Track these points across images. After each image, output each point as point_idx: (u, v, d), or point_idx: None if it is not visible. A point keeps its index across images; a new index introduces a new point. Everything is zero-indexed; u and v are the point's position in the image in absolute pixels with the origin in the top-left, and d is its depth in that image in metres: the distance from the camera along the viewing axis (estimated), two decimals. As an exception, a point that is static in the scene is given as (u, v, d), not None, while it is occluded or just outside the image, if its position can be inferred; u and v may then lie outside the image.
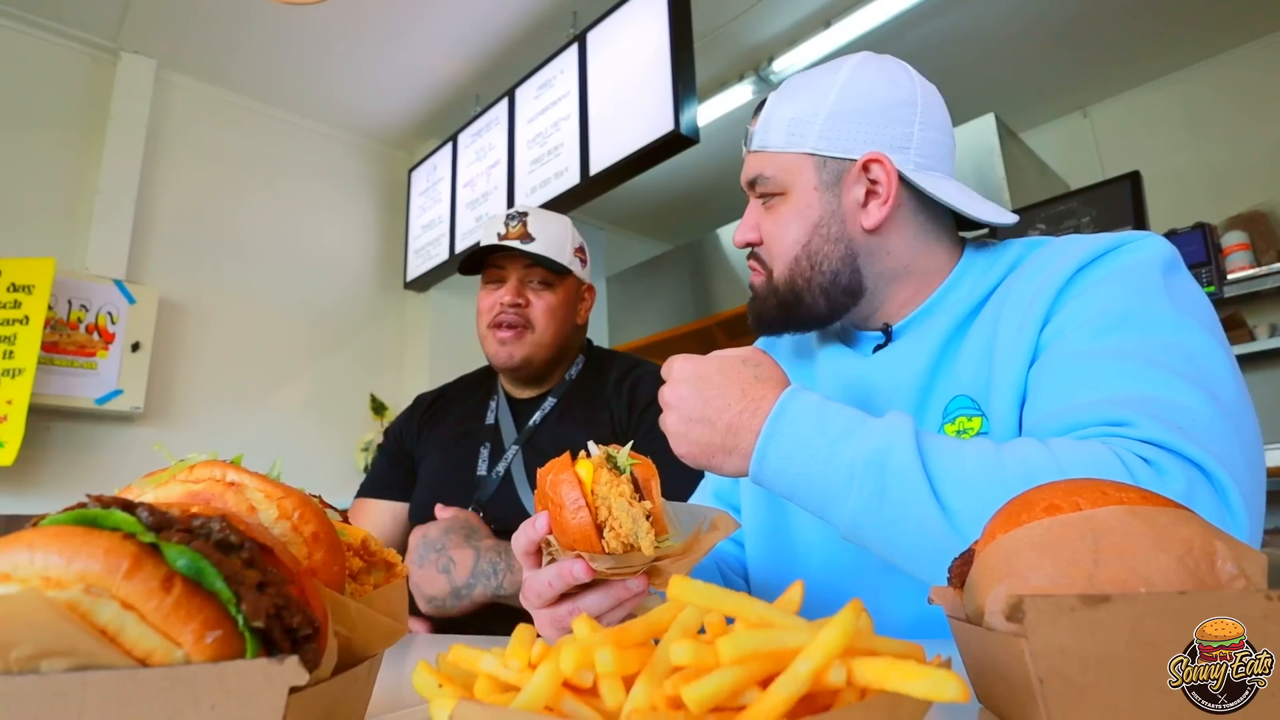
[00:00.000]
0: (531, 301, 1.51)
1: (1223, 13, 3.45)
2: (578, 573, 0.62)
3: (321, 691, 0.33)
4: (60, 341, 2.94)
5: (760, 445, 0.71)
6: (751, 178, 0.95)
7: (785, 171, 0.92)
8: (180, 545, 0.30)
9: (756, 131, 0.95)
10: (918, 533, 0.65)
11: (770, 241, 0.94)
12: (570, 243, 1.55)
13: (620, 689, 0.28)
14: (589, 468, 0.62)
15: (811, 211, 0.91)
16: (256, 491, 0.41)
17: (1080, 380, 0.72)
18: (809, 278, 0.92)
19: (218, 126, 3.65)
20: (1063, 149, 4.15)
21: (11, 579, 0.28)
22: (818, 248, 0.91)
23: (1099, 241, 0.82)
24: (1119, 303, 0.75)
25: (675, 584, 0.32)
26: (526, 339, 1.49)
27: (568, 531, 0.60)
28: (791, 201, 0.92)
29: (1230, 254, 3.01)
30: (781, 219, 0.93)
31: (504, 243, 1.48)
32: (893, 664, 0.27)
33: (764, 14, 3.34)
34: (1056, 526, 0.38)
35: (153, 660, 0.28)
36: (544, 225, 1.52)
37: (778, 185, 0.92)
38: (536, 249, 1.48)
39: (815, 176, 0.91)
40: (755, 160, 0.94)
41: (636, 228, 5.46)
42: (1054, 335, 0.78)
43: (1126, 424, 0.66)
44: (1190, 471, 0.62)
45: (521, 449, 1.50)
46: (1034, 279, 0.83)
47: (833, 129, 0.90)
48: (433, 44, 3.40)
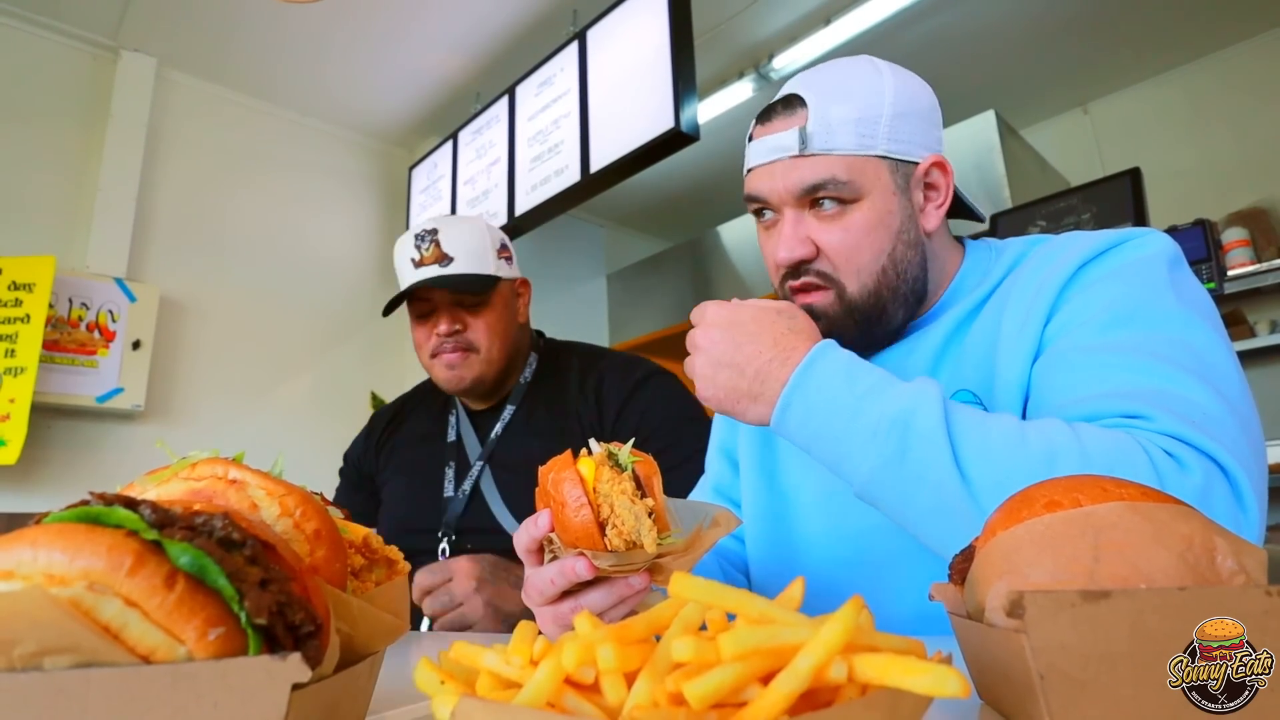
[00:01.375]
0: (468, 324, 1.43)
1: (1222, 9, 3.44)
2: (580, 570, 0.62)
3: (324, 688, 0.34)
4: (61, 340, 2.94)
5: (786, 394, 0.72)
6: (816, 182, 0.84)
7: (861, 175, 0.84)
8: (183, 543, 0.30)
9: (815, 133, 0.84)
10: (933, 496, 0.65)
11: (845, 253, 0.86)
12: (490, 246, 1.46)
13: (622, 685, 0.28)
14: (591, 465, 0.62)
15: (893, 218, 0.86)
16: (258, 489, 0.41)
17: (1090, 373, 0.72)
18: (895, 288, 0.87)
19: (218, 124, 3.65)
20: (1063, 145, 4.15)
21: (15, 576, 0.28)
22: (901, 255, 0.87)
23: (1102, 238, 0.82)
24: (1125, 298, 0.76)
25: (677, 581, 0.32)
26: (473, 360, 1.43)
27: (570, 529, 0.60)
28: (869, 207, 0.85)
29: (1230, 250, 3.00)
30: (856, 226, 0.85)
31: (422, 273, 1.40)
32: (894, 660, 0.27)
33: (764, 11, 3.33)
34: (1057, 523, 0.38)
35: (155, 657, 0.28)
36: (458, 237, 1.42)
37: (853, 190, 0.84)
38: (457, 269, 1.40)
39: (891, 180, 0.86)
40: (821, 163, 0.84)
41: (637, 225, 5.46)
42: (1059, 330, 0.78)
43: (1143, 417, 0.66)
44: (1207, 466, 0.63)
45: (487, 464, 1.45)
46: (1037, 274, 0.84)
47: (898, 131, 0.86)
48: (433, 42, 3.40)
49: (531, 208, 3.19)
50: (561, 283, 4.78)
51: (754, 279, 4.20)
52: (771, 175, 0.88)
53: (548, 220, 3.24)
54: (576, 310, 4.86)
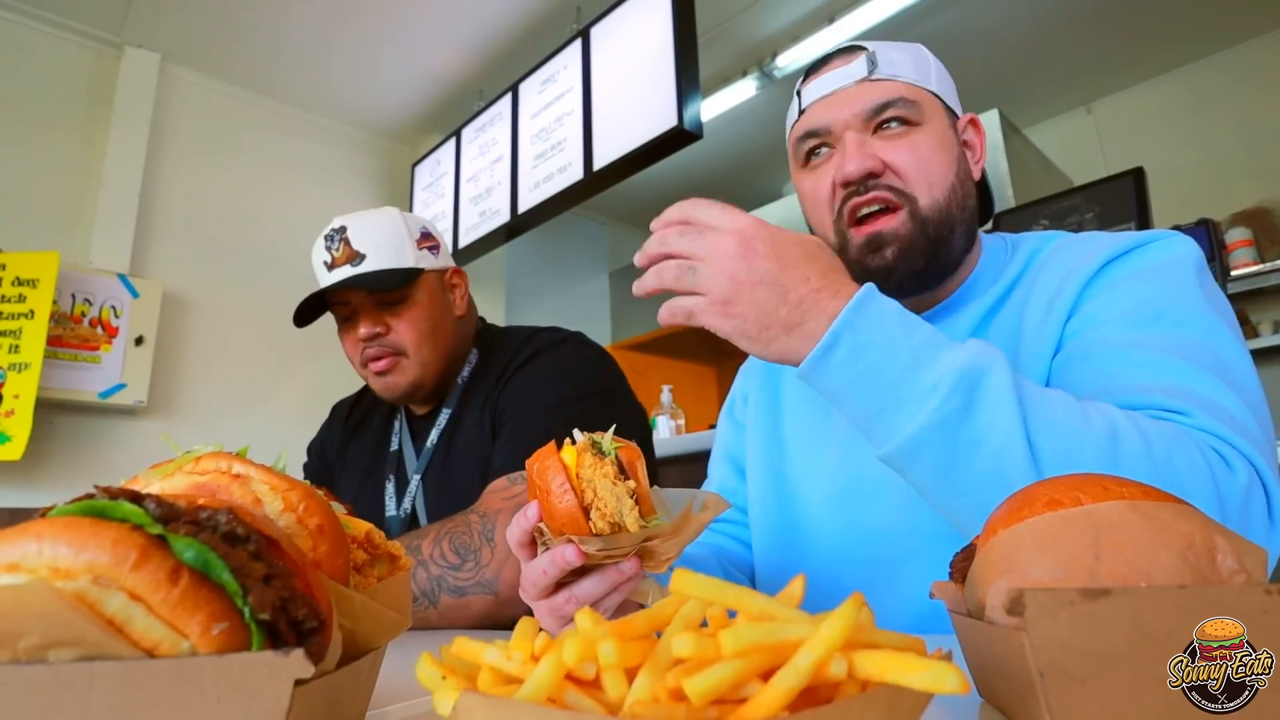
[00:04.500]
0: (390, 325, 1.29)
1: (1225, 8, 3.43)
2: (569, 556, 0.62)
3: (326, 684, 0.34)
4: (64, 335, 2.95)
5: (836, 329, 0.63)
6: (886, 100, 0.85)
7: (925, 101, 0.87)
8: (188, 537, 0.30)
9: (882, 61, 0.87)
10: (990, 463, 0.60)
11: (919, 166, 0.84)
12: (408, 237, 1.32)
13: (623, 681, 0.28)
14: (573, 453, 0.63)
15: (952, 145, 0.88)
16: (262, 484, 0.42)
17: (1123, 367, 0.71)
18: (962, 207, 0.86)
19: (221, 121, 3.65)
20: (1066, 144, 4.14)
21: (20, 569, 0.28)
22: (964, 181, 0.88)
23: (1127, 238, 0.82)
24: (1154, 298, 0.75)
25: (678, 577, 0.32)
26: (404, 365, 1.30)
27: (556, 516, 0.61)
28: (932, 132, 0.86)
29: (1234, 250, 3.00)
30: (923, 146, 0.85)
31: (334, 275, 1.26)
32: (894, 657, 0.27)
33: (767, 9, 3.33)
34: (1058, 521, 0.38)
35: (159, 651, 0.28)
36: (369, 233, 1.28)
37: (918, 113, 0.86)
38: (370, 266, 1.26)
39: (945, 116, 0.89)
40: (889, 86, 0.86)
41: (640, 223, 5.45)
42: (1082, 325, 0.77)
43: (1182, 413, 0.65)
44: (1248, 468, 0.62)
45: (421, 481, 1.32)
46: (1059, 271, 0.83)
47: (943, 82, 0.91)
48: (437, 39, 3.40)
49: (534, 205, 3.19)
50: (564, 280, 4.78)
51: (756, 277, 4.19)
52: (836, 103, 0.88)
53: (550, 218, 3.25)
54: (578, 308, 4.87)
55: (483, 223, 3.52)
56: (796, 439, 1.00)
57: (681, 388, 3.67)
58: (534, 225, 3.33)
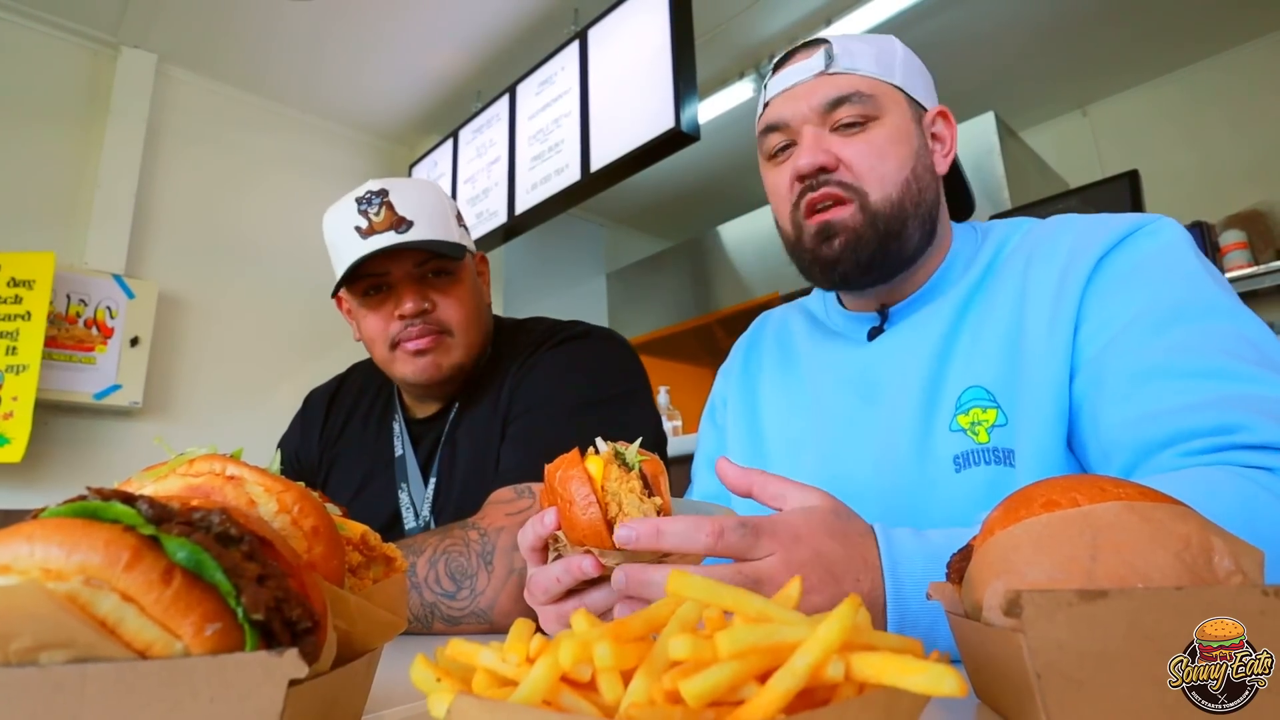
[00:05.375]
0: (437, 303, 1.17)
1: (1220, 12, 3.45)
2: (586, 568, 0.61)
3: (320, 685, 0.34)
4: (59, 336, 2.94)
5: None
6: (841, 95, 0.86)
7: (883, 95, 0.87)
8: (180, 538, 0.30)
9: (840, 54, 0.88)
10: None
11: (869, 161, 0.85)
12: (450, 210, 1.21)
13: (618, 683, 0.28)
14: (599, 464, 0.62)
15: (913, 138, 0.88)
16: (256, 485, 0.41)
17: (1161, 388, 0.67)
18: (916, 203, 0.86)
19: (218, 121, 3.64)
20: (1062, 147, 4.16)
21: (11, 571, 0.28)
22: (920, 175, 0.88)
23: (1112, 227, 0.80)
24: (1167, 293, 0.73)
25: (674, 578, 0.32)
26: (449, 345, 1.18)
27: (577, 527, 0.60)
28: (889, 126, 0.86)
29: (1228, 253, 3.00)
30: (879, 140, 0.86)
31: (375, 241, 1.11)
32: (891, 659, 0.27)
33: (765, 11, 3.33)
34: (1055, 522, 0.38)
35: (152, 652, 0.28)
36: (416, 199, 1.15)
37: (875, 107, 0.86)
38: (421, 234, 1.12)
39: (908, 109, 0.89)
40: (844, 80, 0.87)
41: (637, 225, 5.46)
42: (1098, 333, 0.75)
43: (1239, 429, 0.62)
44: None
45: (436, 486, 1.22)
46: (1050, 265, 0.81)
47: (910, 74, 0.91)
48: (434, 40, 3.40)
49: (531, 206, 3.19)
50: (561, 281, 4.78)
51: (754, 279, 4.21)
52: (794, 97, 0.89)
53: (548, 219, 3.25)
54: (576, 309, 4.86)
55: (480, 224, 3.52)
56: (776, 442, 1.00)
57: (679, 389, 3.67)
58: (531, 226, 3.33)
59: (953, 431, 0.81)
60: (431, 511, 1.22)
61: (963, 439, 0.80)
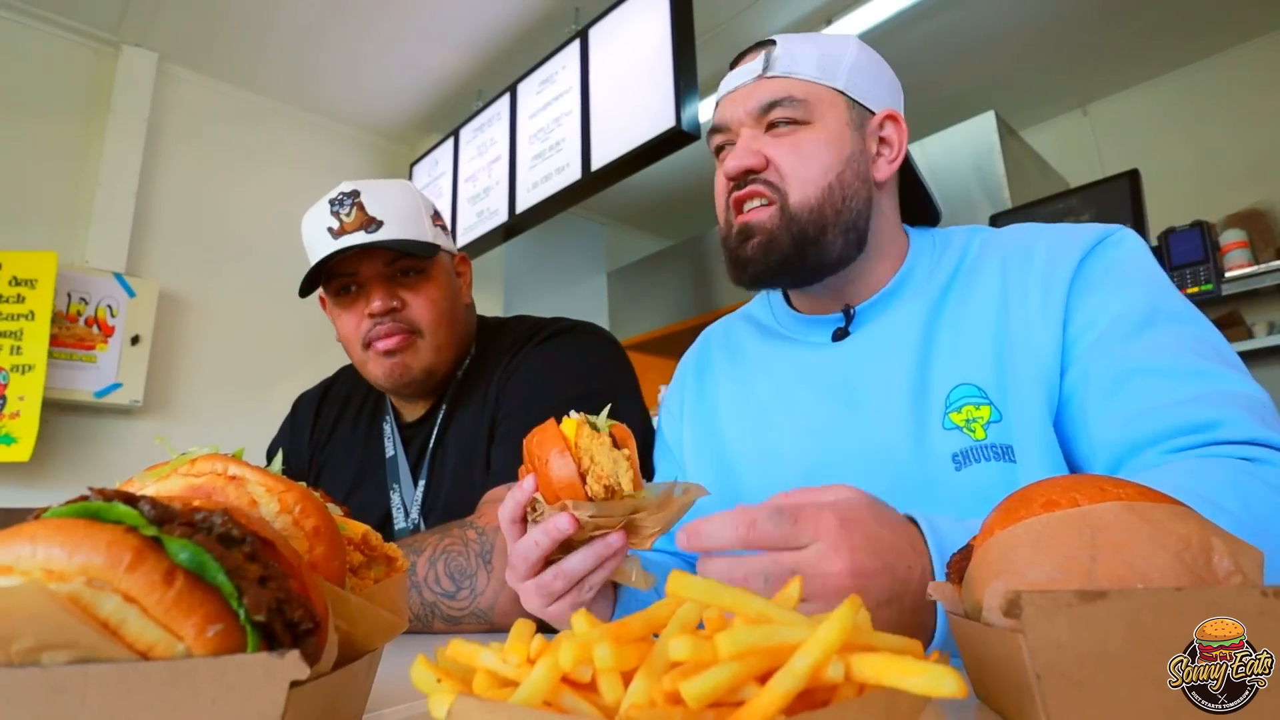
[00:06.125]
0: (407, 301, 1.17)
1: (1221, 12, 3.44)
2: (562, 525, 0.64)
3: (322, 685, 0.34)
4: (60, 334, 2.93)
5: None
6: (773, 100, 0.88)
7: (818, 99, 0.88)
8: (182, 539, 0.30)
9: (780, 57, 0.90)
10: None
11: (794, 164, 0.87)
12: (424, 210, 1.20)
13: (619, 684, 0.28)
14: (572, 425, 0.67)
15: (844, 144, 0.88)
16: (258, 485, 0.41)
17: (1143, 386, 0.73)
18: (838, 209, 0.87)
19: (219, 120, 3.64)
20: (1062, 146, 4.15)
21: (13, 571, 0.28)
22: (849, 181, 0.88)
23: (1087, 233, 0.84)
24: (1140, 297, 0.78)
25: (674, 580, 0.32)
26: (419, 346, 1.18)
27: (553, 484, 0.64)
28: (821, 130, 0.88)
29: (1228, 252, 3.00)
30: (806, 144, 0.87)
31: (344, 241, 1.12)
32: (891, 659, 0.27)
33: (765, 11, 3.33)
34: (1054, 522, 0.38)
35: (154, 653, 0.28)
36: (387, 200, 1.15)
37: (806, 112, 0.88)
38: (390, 234, 1.13)
39: (846, 114, 0.89)
40: (780, 84, 0.89)
41: (637, 224, 5.45)
42: (1085, 330, 0.79)
43: (1218, 424, 0.67)
44: None
45: (426, 488, 1.23)
46: (1029, 268, 0.84)
47: (858, 77, 0.91)
48: (435, 39, 3.39)
49: (532, 205, 3.19)
50: (562, 280, 4.78)
51: (754, 278, 4.19)
52: (734, 100, 0.91)
53: (548, 218, 3.24)
54: (576, 308, 4.85)
55: (481, 222, 3.52)
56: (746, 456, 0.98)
57: (679, 388, 3.66)
58: (532, 225, 3.33)
59: (947, 429, 0.81)
60: (421, 512, 1.23)
61: (959, 436, 0.80)
